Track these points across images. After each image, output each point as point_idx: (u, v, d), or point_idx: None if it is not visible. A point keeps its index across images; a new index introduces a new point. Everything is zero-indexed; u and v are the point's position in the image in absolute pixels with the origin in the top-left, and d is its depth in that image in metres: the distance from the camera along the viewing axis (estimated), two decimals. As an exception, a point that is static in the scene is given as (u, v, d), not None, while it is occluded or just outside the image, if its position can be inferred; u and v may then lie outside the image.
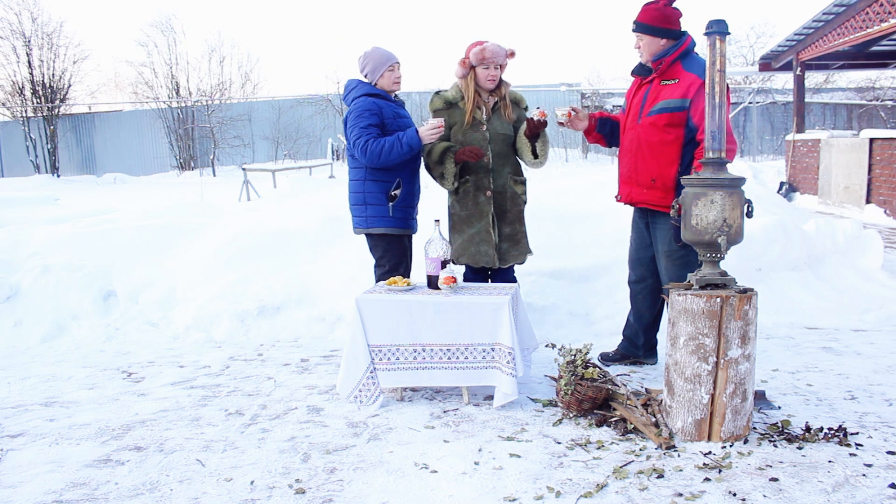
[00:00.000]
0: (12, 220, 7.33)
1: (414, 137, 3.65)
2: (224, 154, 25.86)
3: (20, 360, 4.31)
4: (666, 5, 3.53)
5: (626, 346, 3.95)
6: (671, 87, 3.50)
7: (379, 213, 3.81)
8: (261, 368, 4.02)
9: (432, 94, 3.96)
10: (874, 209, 9.99)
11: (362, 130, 3.68)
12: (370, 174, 3.81)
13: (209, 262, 5.31)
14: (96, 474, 2.67)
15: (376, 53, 3.85)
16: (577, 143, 23.57)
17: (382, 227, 3.82)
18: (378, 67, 3.82)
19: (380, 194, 3.80)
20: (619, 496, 2.40)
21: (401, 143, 3.65)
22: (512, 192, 3.88)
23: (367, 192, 3.82)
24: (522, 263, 4.01)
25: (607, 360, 3.94)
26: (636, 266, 3.89)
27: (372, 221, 3.83)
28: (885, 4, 9.30)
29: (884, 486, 2.41)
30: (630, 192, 3.72)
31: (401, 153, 3.66)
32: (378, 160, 3.66)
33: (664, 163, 3.54)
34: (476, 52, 3.74)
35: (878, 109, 22.62)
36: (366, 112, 3.71)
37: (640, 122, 3.61)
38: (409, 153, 3.68)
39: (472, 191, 3.84)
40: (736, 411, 2.76)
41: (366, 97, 3.78)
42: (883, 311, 4.78)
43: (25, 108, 26.52)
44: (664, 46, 3.54)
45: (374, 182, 3.80)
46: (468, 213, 3.86)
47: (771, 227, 5.29)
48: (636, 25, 3.58)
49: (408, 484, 2.54)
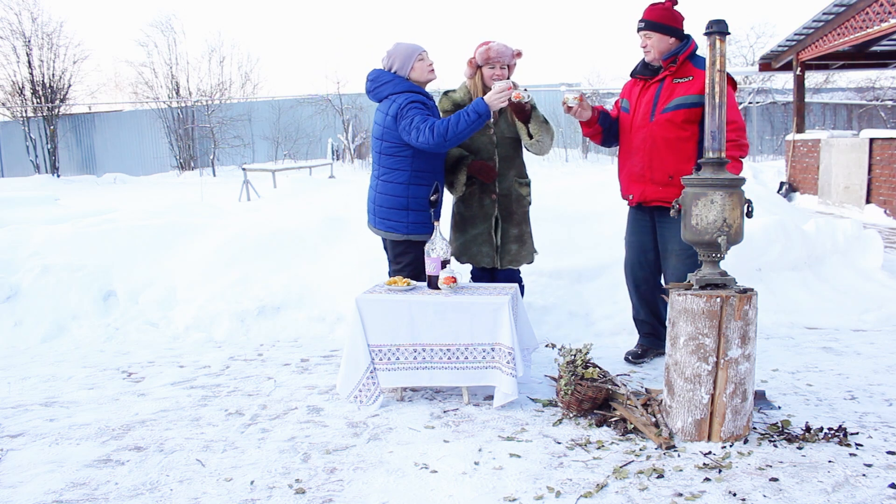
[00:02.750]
0: (12, 220, 7.33)
1: (481, 104, 3.46)
2: (224, 154, 25.85)
3: (20, 360, 4.31)
4: (672, 6, 3.56)
5: (651, 341, 3.96)
6: (686, 84, 3.53)
7: (421, 220, 3.66)
8: (261, 368, 4.02)
9: (440, 95, 3.95)
10: (874, 209, 9.99)
11: (424, 115, 3.53)
12: (415, 177, 3.65)
13: (209, 262, 5.31)
14: (96, 474, 2.67)
15: (400, 48, 3.71)
16: (577, 144, 23.57)
17: (423, 234, 3.65)
18: (407, 60, 3.67)
19: (423, 199, 3.64)
20: (619, 496, 2.40)
21: (468, 113, 3.46)
22: (517, 194, 3.89)
23: (412, 196, 3.66)
24: (531, 263, 4.03)
25: (637, 359, 3.92)
26: (638, 269, 3.90)
27: (413, 228, 3.68)
28: (885, 4, 9.29)
29: (884, 486, 2.41)
30: (644, 191, 3.70)
31: (469, 122, 3.44)
32: (447, 136, 3.43)
33: (681, 159, 3.55)
34: (482, 52, 3.73)
35: (878, 109, 22.62)
36: (416, 103, 3.56)
37: (653, 119, 3.61)
38: (478, 121, 3.46)
39: (477, 193, 3.85)
40: (736, 411, 2.76)
41: (411, 93, 3.62)
42: (883, 311, 4.77)
43: (25, 108, 26.52)
44: (673, 45, 3.57)
45: (418, 187, 3.65)
46: (472, 214, 3.87)
47: (771, 227, 5.29)
48: (644, 24, 3.58)
49: (408, 484, 2.54)
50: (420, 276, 3.69)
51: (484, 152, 3.82)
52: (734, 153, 3.40)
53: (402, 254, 3.76)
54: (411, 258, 3.73)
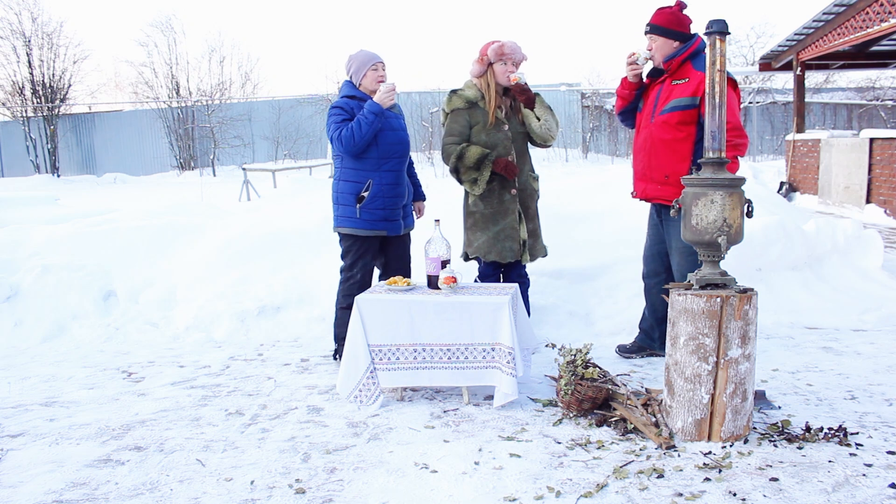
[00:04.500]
0: (12, 220, 7.34)
1: (373, 104, 3.72)
2: (224, 154, 25.84)
3: (20, 360, 4.31)
4: (679, 10, 3.60)
5: (643, 338, 4.04)
6: (682, 86, 3.60)
7: (346, 214, 3.89)
8: (261, 368, 4.02)
9: (449, 93, 3.97)
10: (874, 209, 9.99)
11: (335, 126, 3.79)
12: (343, 174, 3.90)
13: (209, 262, 5.31)
14: (96, 474, 2.67)
15: (360, 55, 3.91)
16: (577, 144, 23.58)
17: (348, 227, 3.90)
18: (361, 68, 3.88)
19: (349, 195, 3.87)
20: (619, 496, 2.40)
21: (366, 116, 3.71)
22: (531, 188, 4.01)
23: (339, 192, 3.92)
24: (545, 256, 4.17)
25: (625, 352, 4.03)
26: (650, 261, 3.98)
27: (339, 221, 3.94)
28: (885, 4, 9.29)
29: (884, 486, 2.41)
30: (645, 189, 3.82)
31: (370, 123, 3.70)
32: (354, 141, 3.73)
33: (676, 159, 3.64)
34: (495, 48, 3.79)
35: (878, 109, 22.63)
36: (335, 110, 3.83)
37: (653, 120, 3.71)
38: (376, 120, 3.72)
39: (497, 189, 3.91)
40: (736, 411, 2.76)
41: (341, 99, 3.88)
42: (883, 311, 4.77)
43: (25, 108, 26.52)
44: (676, 48, 3.64)
45: (345, 182, 3.90)
46: (493, 210, 3.91)
47: (771, 227, 5.29)
48: (650, 27, 3.67)
49: (408, 484, 2.54)
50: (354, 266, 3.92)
51: (501, 148, 3.88)
52: (730, 153, 3.43)
53: (340, 244, 4.00)
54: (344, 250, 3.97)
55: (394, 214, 3.93)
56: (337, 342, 4.04)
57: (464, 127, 3.88)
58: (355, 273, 3.92)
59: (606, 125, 24.02)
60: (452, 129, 3.89)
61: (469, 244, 4.02)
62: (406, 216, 4.05)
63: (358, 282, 3.91)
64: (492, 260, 3.95)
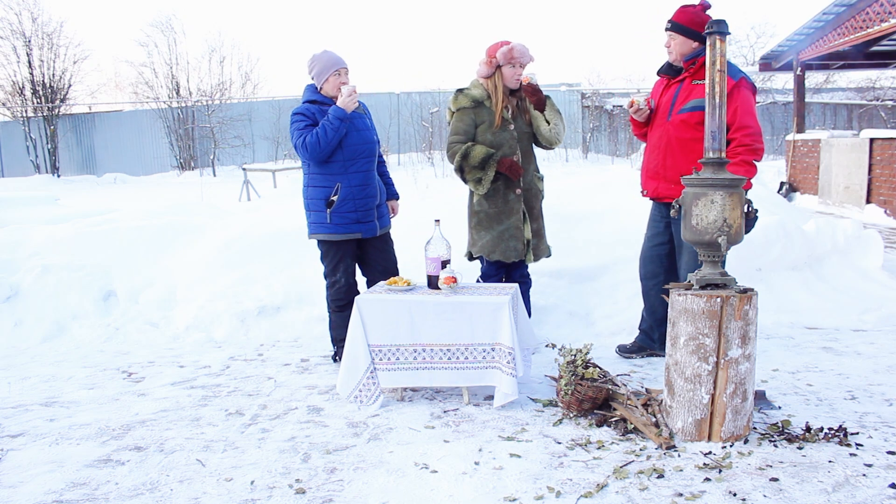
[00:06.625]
0: (12, 220, 7.33)
1: (337, 109, 3.69)
2: (224, 154, 25.82)
3: (20, 360, 4.31)
4: (703, 10, 3.62)
5: (643, 338, 4.05)
6: (703, 87, 3.58)
7: (317, 220, 3.86)
8: (261, 368, 4.02)
9: (455, 92, 3.96)
10: (874, 209, 9.99)
11: (299, 133, 3.74)
12: (311, 180, 3.86)
13: (209, 262, 5.31)
14: (96, 474, 2.67)
15: (324, 57, 3.84)
16: (577, 144, 23.57)
17: (321, 233, 3.87)
18: (323, 72, 3.82)
19: (319, 201, 3.83)
20: (619, 496, 2.40)
21: (330, 122, 3.68)
22: (536, 188, 4.02)
23: (309, 198, 3.88)
24: (549, 256, 4.17)
25: (625, 352, 4.03)
26: (648, 262, 3.97)
27: (312, 228, 3.90)
28: (885, 4, 9.29)
29: (884, 486, 2.41)
30: (657, 188, 3.81)
31: (335, 129, 3.68)
32: (320, 147, 3.69)
33: (694, 160, 3.62)
34: (504, 52, 3.80)
35: (878, 109, 22.61)
36: (297, 116, 3.78)
37: (669, 119, 3.70)
38: (341, 125, 3.69)
39: (502, 189, 3.91)
40: (736, 411, 2.76)
41: (303, 104, 3.83)
42: (883, 311, 4.77)
43: (25, 108, 26.50)
44: (695, 49, 3.64)
45: (314, 188, 3.86)
46: (497, 210, 3.92)
47: (771, 227, 5.29)
48: (672, 24, 3.67)
49: (408, 484, 2.54)
50: (335, 271, 3.91)
51: (507, 147, 3.88)
52: (748, 157, 3.48)
53: (323, 258, 3.96)
54: (321, 255, 3.95)
55: (367, 216, 3.88)
56: (335, 345, 4.04)
57: (469, 126, 3.88)
58: (339, 278, 3.91)
59: (606, 125, 24.00)
60: (458, 128, 3.89)
61: (473, 243, 4.03)
62: (381, 216, 4.00)
63: (343, 286, 3.91)
64: (496, 259, 3.95)
